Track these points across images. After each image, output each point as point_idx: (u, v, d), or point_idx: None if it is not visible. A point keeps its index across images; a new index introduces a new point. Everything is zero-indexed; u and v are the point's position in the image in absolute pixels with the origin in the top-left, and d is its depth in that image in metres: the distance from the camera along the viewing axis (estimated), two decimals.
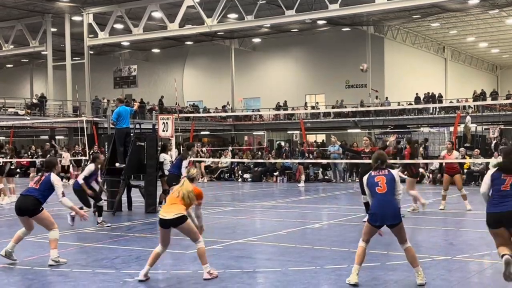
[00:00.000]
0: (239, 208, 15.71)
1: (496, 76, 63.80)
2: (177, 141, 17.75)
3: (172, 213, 7.25)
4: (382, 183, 7.12)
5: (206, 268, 7.43)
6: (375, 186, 7.14)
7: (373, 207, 7.17)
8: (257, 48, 47.82)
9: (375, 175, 7.24)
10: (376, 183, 7.15)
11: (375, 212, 7.10)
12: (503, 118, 34.39)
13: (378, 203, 7.08)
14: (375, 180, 7.18)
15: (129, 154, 14.31)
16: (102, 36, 35.89)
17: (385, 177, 7.16)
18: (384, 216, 7.03)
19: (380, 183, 7.12)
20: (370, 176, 7.29)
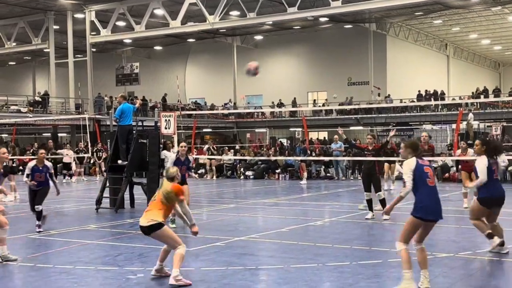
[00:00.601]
0: (242, 205, 15.71)
1: (499, 73, 63.65)
2: (179, 139, 17.75)
3: (146, 221, 7.07)
4: (431, 175, 6.65)
5: (175, 272, 6.96)
6: (426, 177, 6.59)
7: (424, 200, 6.57)
8: (259, 46, 47.77)
9: (423, 164, 6.66)
10: (426, 174, 6.60)
11: (428, 205, 6.56)
12: (505, 115, 34.33)
13: (430, 196, 6.59)
14: (425, 171, 6.61)
15: (132, 151, 14.32)
16: (104, 34, 35.91)
17: (431, 168, 6.76)
18: (437, 210, 6.67)
19: (429, 175, 6.63)
20: (419, 164, 6.63)
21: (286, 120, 41.31)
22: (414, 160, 6.66)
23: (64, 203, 16.22)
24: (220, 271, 7.73)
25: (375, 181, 12.12)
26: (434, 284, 6.95)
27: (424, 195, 6.59)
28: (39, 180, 11.11)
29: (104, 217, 13.40)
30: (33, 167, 11.16)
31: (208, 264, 8.23)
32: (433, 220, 6.72)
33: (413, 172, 6.58)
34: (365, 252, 8.88)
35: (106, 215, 13.60)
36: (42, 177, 11.14)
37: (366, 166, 12.34)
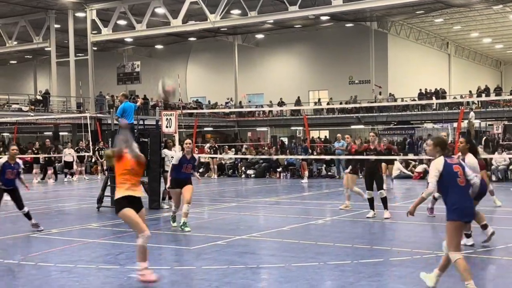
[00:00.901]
0: (243, 204, 15.70)
1: (500, 71, 63.57)
2: (180, 137, 17.71)
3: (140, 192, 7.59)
4: (461, 174, 6.26)
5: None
6: (456, 177, 6.22)
7: (457, 201, 6.18)
8: (260, 44, 47.76)
9: (452, 163, 6.30)
10: (456, 173, 6.23)
11: (462, 206, 6.19)
12: (506, 113, 34.30)
13: (463, 196, 6.22)
14: (454, 170, 6.24)
15: None
16: (105, 32, 35.92)
17: (461, 167, 6.35)
18: (471, 211, 6.40)
19: (459, 174, 6.24)
20: (447, 163, 6.27)
21: (287, 119, 41.29)
22: (442, 160, 6.30)
23: (65, 202, 16.23)
24: (222, 269, 7.73)
25: (378, 179, 12.07)
26: (438, 283, 6.94)
27: (457, 196, 6.20)
28: (11, 177, 10.83)
29: (105, 215, 13.40)
30: (4, 164, 10.79)
31: (209, 262, 8.22)
32: (468, 221, 6.58)
33: (440, 173, 6.24)
34: (366, 250, 8.88)
35: (108, 214, 13.59)
36: (13, 174, 10.85)
37: (368, 165, 12.30)
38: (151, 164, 14.47)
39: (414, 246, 9.10)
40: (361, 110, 38.44)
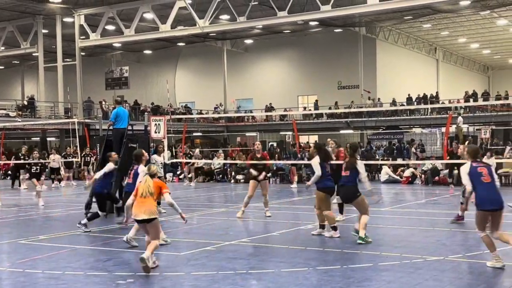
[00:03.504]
0: (232, 209, 15.65)
1: (488, 77, 64.08)
2: (169, 143, 17.70)
3: (147, 214, 7.98)
4: (485, 173, 7.94)
5: (152, 258, 8.01)
6: (480, 176, 7.90)
7: (481, 195, 7.87)
8: (249, 49, 47.82)
9: (477, 166, 8.03)
10: (480, 173, 7.93)
11: (485, 198, 7.82)
12: (494, 118, 34.55)
13: (486, 190, 7.86)
14: (479, 171, 7.95)
15: (121, 155, 14.24)
16: (93, 38, 35.77)
17: (486, 168, 8.05)
18: (495, 200, 7.85)
19: (484, 173, 7.92)
20: (473, 167, 8.01)
21: (276, 124, 41.31)
22: (468, 165, 8.06)
23: (53, 208, 16.10)
24: (211, 275, 7.70)
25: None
26: (424, 287, 6.98)
27: (481, 191, 7.85)
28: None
29: (93, 222, 13.19)
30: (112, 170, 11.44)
31: (198, 268, 8.19)
32: (494, 209, 7.79)
33: (468, 175, 7.96)
34: (355, 255, 8.89)
35: (96, 220, 13.43)
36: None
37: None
38: None
39: (403, 250, 9.11)
40: (350, 115, 38.56)
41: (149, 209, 8.00)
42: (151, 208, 8.02)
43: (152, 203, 8.07)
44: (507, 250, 9.29)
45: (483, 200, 7.80)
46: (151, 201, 8.06)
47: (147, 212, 7.98)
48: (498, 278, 7.49)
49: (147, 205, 8.01)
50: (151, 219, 8.00)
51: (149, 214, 7.99)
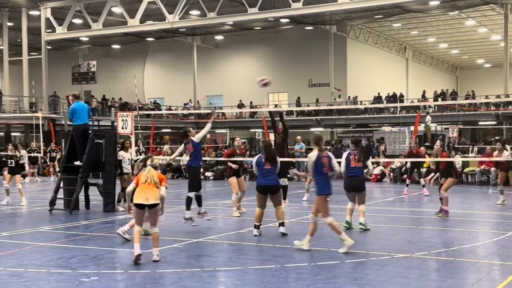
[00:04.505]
0: None
1: (456, 76, 65.09)
2: (137, 139, 17.49)
3: (151, 200, 8.27)
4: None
5: (156, 251, 8.33)
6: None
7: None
8: (220, 46, 47.62)
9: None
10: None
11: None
12: (461, 118, 35.07)
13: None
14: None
15: (87, 151, 13.99)
16: (60, 31, 35.13)
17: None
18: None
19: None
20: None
21: (246, 121, 41.23)
22: (315, 154, 8.98)
23: (16, 204, 15.75)
24: (177, 273, 7.62)
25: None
26: (391, 284, 6.99)
27: (320, 179, 9.02)
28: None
29: (58, 218, 13.07)
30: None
31: (164, 266, 8.09)
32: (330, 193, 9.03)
33: (314, 163, 8.93)
34: (323, 253, 8.88)
35: (60, 217, 13.28)
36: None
37: None
38: (106, 165, 14.19)
39: (370, 248, 9.14)
40: (321, 113, 38.71)
41: (154, 194, 8.29)
42: (156, 194, 8.30)
43: (156, 190, 8.34)
44: (471, 247, 9.40)
45: (326, 187, 8.90)
46: (155, 188, 8.35)
47: (153, 197, 8.26)
48: (464, 275, 7.55)
49: (153, 191, 8.29)
50: (155, 204, 8.27)
51: (155, 199, 8.27)
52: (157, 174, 8.55)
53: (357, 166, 10.77)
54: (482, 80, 57.47)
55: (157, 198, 8.32)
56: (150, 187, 8.35)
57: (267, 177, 10.27)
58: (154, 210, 8.34)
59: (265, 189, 10.29)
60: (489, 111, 35.00)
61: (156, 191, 8.37)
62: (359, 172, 10.85)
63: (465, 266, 8.03)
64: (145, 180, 8.40)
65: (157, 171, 8.67)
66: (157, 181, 8.43)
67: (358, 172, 10.82)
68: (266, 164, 10.32)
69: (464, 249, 9.10)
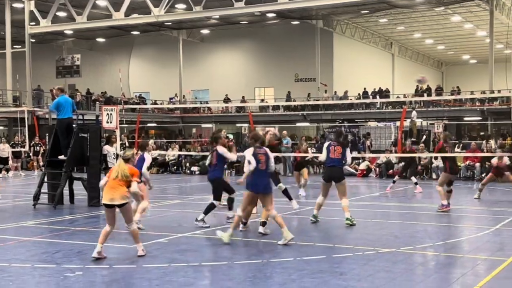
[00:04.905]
0: (186, 201, 15.53)
1: (442, 72, 65.41)
2: (122, 133, 17.31)
3: (119, 198, 7.94)
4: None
5: (140, 246, 8.25)
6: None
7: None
8: (206, 40, 47.43)
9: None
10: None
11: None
12: (447, 113, 35.27)
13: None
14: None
15: (71, 145, 13.87)
16: (44, 24, 34.72)
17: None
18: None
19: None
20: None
21: (232, 116, 41.15)
22: (252, 149, 9.30)
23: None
24: (163, 268, 7.58)
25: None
26: (376, 278, 7.00)
27: (255, 175, 9.27)
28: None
29: (42, 213, 12.98)
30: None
31: (150, 261, 8.04)
32: (261, 192, 9.35)
33: (252, 157, 9.22)
34: (309, 248, 8.88)
35: (44, 211, 13.18)
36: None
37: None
38: (91, 160, 14.09)
39: (356, 242, 9.16)
40: (307, 108, 38.73)
41: (121, 193, 7.94)
42: (122, 193, 7.96)
43: (124, 189, 7.99)
44: (456, 242, 9.46)
45: (252, 184, 9.19)
46: (123, 186, 8.00)
47: (119, 197, 7.93)
48: (448, 269, 7.60)
49: (119, 190, 7.95)
50: (123, 204, 7.96)
51: (121, 198, 7.94)
52: (128, 168, 8.16)
53: (336, 157, 10.88)
54: (468, 76, 57.85)
55: (123, 197, 7.96)
56: (117, 185, 7.98)
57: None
58: (123, 209, 8.03)
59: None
60: (474, 107, 35.22)
61: (123, 189, 7.99)
62: (338, 163, 10.95)
63: (450, 260, 8.07)
64: (116, 175, 8.05)
65: (129, 164, 8.29)
66: (128, 175, 8.05)
67: (337, 163, 10.92)
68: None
69: (449, 244, 9.15)
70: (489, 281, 6.86)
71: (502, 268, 7.49)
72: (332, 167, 10.97)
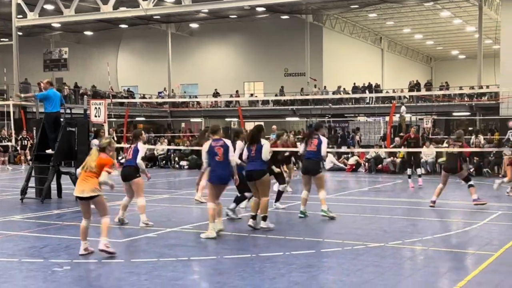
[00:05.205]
0: (175, 196, 15.49)
1: (431, 67, 65.68)
2: (110, 127, 17.23)
3: (86, 192, 7.72)
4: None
5: (104, 240, 7.80)
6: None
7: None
8: (195, 33, 47.25)
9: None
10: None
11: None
12: (436, 108, 35.42)
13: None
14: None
15: (59, 139, 13.77)
16: (31, 17, 34.42)
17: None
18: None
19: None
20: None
21: (222, 110, 41.08)
22: (208, 143, 9.31)
23: None
24: (151, 262, 7.54)
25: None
26: (365, 273, 7.01)
27: (213, 167, 9.28)
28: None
29: (29, 207, 12.89)
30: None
31: (138, 255, 8.03)
32: (219, 183, 9.38)
33: (207, 153, 9.28)
34: (298, 242, 8.88)
35: (32, 206, 13.09)
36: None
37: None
38: (79, 154, 13.99)
39: (345, 237, 9.17)
40: (296, 103, 38.73)
41: (90, 185, 7.71)
42: (92, 185, 7.71)
43: (94, 180, 7.72)
44: (444, 237, 9.50)
45: (210, 175, 9.26)
46: (93, 177, 7.74)
47: (89, 189, 7.71)
48: (437, 264, 7.62)
49: (89, 182, 7.72)
50: (94, 196, 7.73)
51: (91, 191, 7.71)
52: (98, 159, 7.81)
53: (312, 150, 10.89)
54: (456, 71, 58.14)
55: (93, 189, 7.70)
56: (87, 177, 7.76)
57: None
58: (94, 201, 7.78)
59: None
60: (463, 102, 35.41)
61: (94, 181, 7.72)
62: (314, 155, 10.92)
63: (438, 255, 8.11)
64: (85, 167, 7.84)
65: (104, 154, 7.93)
66: (93, 166, 7.73)
67: (312, 155, 10.90)
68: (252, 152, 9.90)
69: (437, 238, 9.19)
70: (477, 275, 6.89)
71: (490, 262, 7.54)
72: (308, 160, 11.02)
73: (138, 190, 10.20)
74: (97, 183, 7.74)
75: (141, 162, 10.22)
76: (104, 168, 7.75)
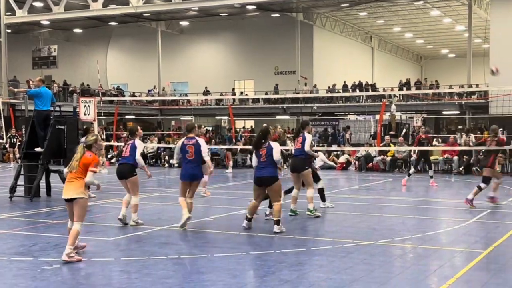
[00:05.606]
0: (165, 194, 15.44)
1: (421, 66, 65.91)
2: (99, 125, 17.14)
3: (70, 194, 7.52)
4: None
5: (69, 250, 7.42)
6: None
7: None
8: (185, 31, 47.13)
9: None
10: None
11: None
12: (425, 107, 35.56)
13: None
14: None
15: (48, 137, 13.69)
16: (20, 14, 34.21)
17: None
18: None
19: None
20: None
21: (212, 108, 41.02)
22: (181, 141, 9.69)
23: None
24: (141, 261, 7.52)
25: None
26: (355, 271, 7.03)
27: (184, 165, 9.82)
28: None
29: (18, 205, 12.82)
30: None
31: (128, 254, 8.00)
32: (189, 180, 9.88)
33: (179, 149, 9.76)
34: (288, 240, 8.88)
35: (21, 204, 13.02)
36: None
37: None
38: (68, 152, 13.91)
39: (335, 235, 9.19)
40: (286, 101, 38.75)
41: (74, 187, 7.49)
42: (76, 187, 7.48)
43: (81, 182, 7.48)
44: (433, 235, 9.54)
45: (181, 173, 9.72)
46: (78, 177, 7.49)
47: (72, 190, 7.49)
48: (426, 261, 7.65)
49: (74, 183, 7.50)
50: (76, 198, 7.47)
51: (74, 193, 7.47)
52: (81, 158, 7.54)
53: (297, 148, 10.94)
54: (446, 70, 58.39)
55: (77, 192, 7.46)
56: (72, 178, 7.52)
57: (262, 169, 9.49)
58: (75, 203, 7.47)
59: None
60: (453, 101, 35.57)
61: (78, 183, 7.49)
62: (299, 153, 10.92)
63: (427, 253, 8.14)
64: (69, 166, 7.64)
65: (90, 152, 7.65)
66: (75, 166, 7.48)
67: (298, 153, 10.94)
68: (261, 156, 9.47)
69: (427, 236, 9.23)
70: (466, 273, 6.93)
71: (479, 260, 7.59)
72: (295, 157, 11.10)
73: (134, 189, 10.02)
74: (83, 185, 7.50)
75: (140, 159, 10.05)
76: (88, 168, 7.51)
